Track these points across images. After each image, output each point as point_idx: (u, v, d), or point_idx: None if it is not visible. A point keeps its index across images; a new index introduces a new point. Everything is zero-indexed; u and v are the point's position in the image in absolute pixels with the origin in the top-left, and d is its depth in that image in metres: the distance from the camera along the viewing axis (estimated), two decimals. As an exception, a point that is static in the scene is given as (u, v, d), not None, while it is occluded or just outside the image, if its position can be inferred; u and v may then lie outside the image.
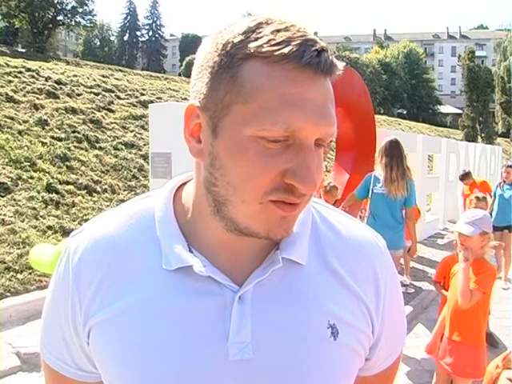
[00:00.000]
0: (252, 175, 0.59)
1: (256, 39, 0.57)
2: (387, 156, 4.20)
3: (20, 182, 6.86)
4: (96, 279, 0.69)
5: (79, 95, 10.49)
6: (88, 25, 36.06)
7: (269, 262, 0.67)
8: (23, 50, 26.18)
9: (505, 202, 6.51)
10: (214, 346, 0.65)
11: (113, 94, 11.26)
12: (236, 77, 0.58)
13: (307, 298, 0.68)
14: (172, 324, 0.65)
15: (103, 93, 11.06)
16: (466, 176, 7.92)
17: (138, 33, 69.44)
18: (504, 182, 6.63)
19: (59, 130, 8.77)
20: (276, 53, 0.56)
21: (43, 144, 8.08)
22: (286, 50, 0.56)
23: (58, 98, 9.98)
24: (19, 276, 5.09)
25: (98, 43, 66.08)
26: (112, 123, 9.94)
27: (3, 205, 6.26)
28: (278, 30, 0.57)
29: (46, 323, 0.76)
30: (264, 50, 0.56)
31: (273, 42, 0.56)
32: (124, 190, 8.09)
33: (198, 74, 0.63)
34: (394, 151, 4.20)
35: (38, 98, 9.52)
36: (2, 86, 9.31)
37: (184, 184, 0.74)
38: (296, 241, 0.69)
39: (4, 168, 6.98)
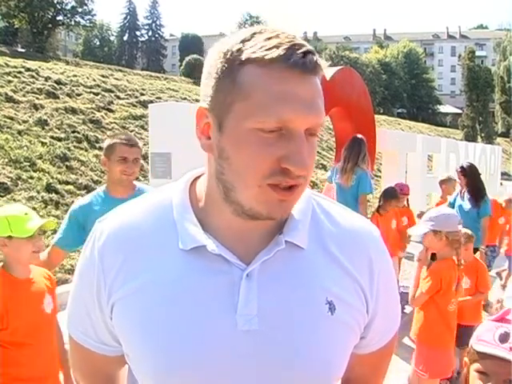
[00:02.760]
0: (251, 162, 0.68)
1: (251, 47, 0.68)
2: (345, 150, 4.75)
3: (20, 182, 6.86)
4: (119, 259, 0.77)
5: (79, 95, 10.49)
6: (88, 25, 36.08)
7: (273, 244, 0.76)
8: (23, 50, 26.17)
9: (464, 215, 4.71)
10: (225, 318, 0.73)
11: (112, 94, 11.26)
12: (235, 80, 0.68)
13: (307, 277, 0.77)
14: (187, 299, 0.74)
15: (103, 93, 11.05)
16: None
17: (138, 33, 69.37)
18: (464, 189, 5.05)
19: (59, 129, 8.77)
20: (266, 57, 0.66)
21: (43, 144, 8.08)
22: (275, 54, 0.66)
23: (58, 97, 9.98)
24: (19, 276, 5.08)
25: (98, 43, 66.00)
26: (112, 123, 9.94)
27: (3, 205, 6.26)
28: (270, 38, 0.68)
29: (72, 301, 0.86)
30: (257, 55, 0.67)
31: (264, 48, 0.67)
32: (124, 190, 8.08)
33: (206, 80, 0.73)
34: (352, 147, 4.71)
35: (37, 98, 9.52)
36: (2, 86, 9.32)
37: (197, 178, 0.83)
38: (297, 227, 0.78)
39: (4, 168, 6.98)
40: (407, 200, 5.07)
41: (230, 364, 0.72)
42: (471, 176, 5.01)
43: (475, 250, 4.24)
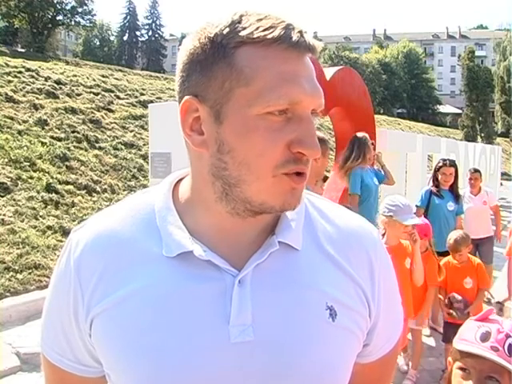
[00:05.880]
0: (263, 150, 0.63)
1: (244, 28, 0.62)
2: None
3: (20, 182, 6.86)
4: (98, 271, 0.70)
5: (79, 95, 10.48)
6: (88, 25, 36.11)
7: (266, 246, 0.70)
8: (23, 50, 26.16)
9: (449, 214, 4.46)
10: (216, 330, 0.66)
11: (112, 94, 11.25)
12: (233, 64, 0.62)
13: (305, 280, 0.70)
14: (173, 309, 0.67)
15: (103, 93, 11.05)
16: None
17: (138, 33, 69.32)
18: (439, 187, 4.65)
19: (59, 129, 8.77)
20: (268, 36, 0.62)
21: (43, 144, 8.08)
22: (276, 34, 0.62)
23: (58, 97, 9.98)
24: (19, 276, 5.08)
25: (98, 43, 65.93)
26: (112, 123, 9.94)
27: (3, 205, 6.25)
28: (260, 19, 0.63)
29: (46, 318, 0.77)
30: (255, 35, 0.62)
31: (261, 29, 0.62)
32: (124, 190, 8.09)
33: (188, 71, 0.66)
34: (347, 147, 4.69)
35: (37, 98, 9.52)
36: (2, 86, 9.31)
37: (181, 180, 0.77)
38: (290, 227, 0.72)
39: (4, 168, 6.98)
40: (429, 242, 3.69)
41: (223, 379, 0.66)
42: (457, 171, 4.66)
43: (446, 253, 3.82)
